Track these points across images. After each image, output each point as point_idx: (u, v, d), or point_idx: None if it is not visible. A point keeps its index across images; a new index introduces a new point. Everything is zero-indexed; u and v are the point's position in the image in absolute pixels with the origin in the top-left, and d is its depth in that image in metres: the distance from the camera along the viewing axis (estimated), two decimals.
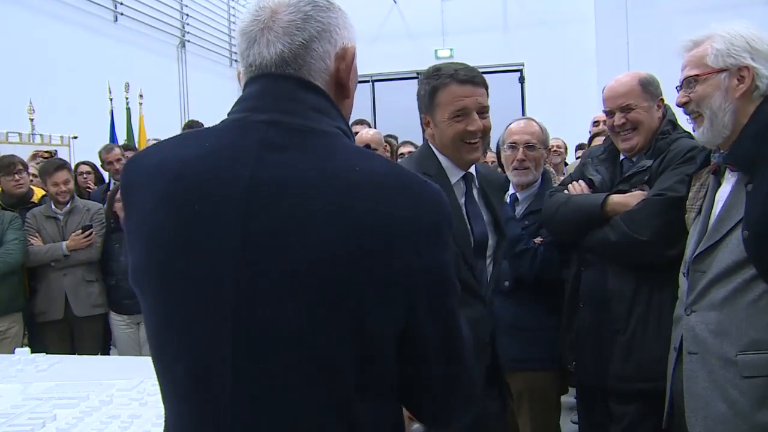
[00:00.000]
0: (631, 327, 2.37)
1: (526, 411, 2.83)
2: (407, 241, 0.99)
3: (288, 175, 0.99)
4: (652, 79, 2.50)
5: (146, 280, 1.05)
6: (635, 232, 2.31)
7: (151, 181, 1.05)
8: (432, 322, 1.05)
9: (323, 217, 0.96)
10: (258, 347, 0.99)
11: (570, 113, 9.14)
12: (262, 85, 1.08)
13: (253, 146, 1.02)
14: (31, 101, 6.20)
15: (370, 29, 10.87)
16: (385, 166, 1.05)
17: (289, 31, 1.07)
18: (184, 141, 1.11)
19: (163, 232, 1.02)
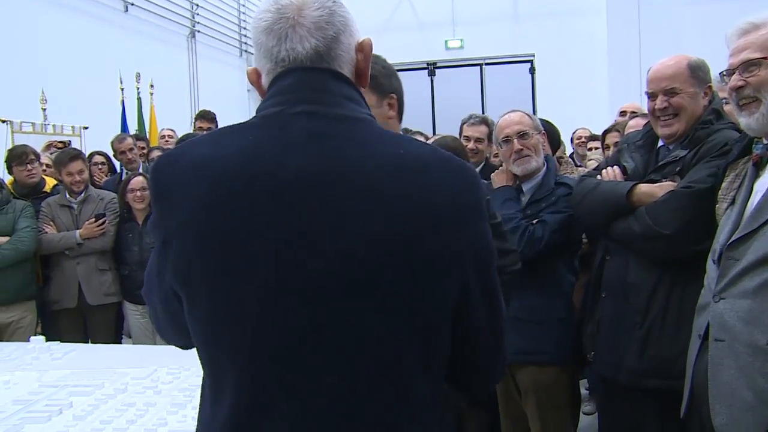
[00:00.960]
0: (648, 322, 2.31)
1: (533, 407, 2.80)
2: (456, 216, 1.05)
3: (339, 161, 1.03)
4: (702, 63, 2.38)
5: (197, 279, 1.05)
6: (659, 225, 2.24)
7: (195, 179, 1.05)
8: (480, 292, 1.11)
9: (379, 199, 1.01)
10: (322, 333, 1.01)
11: (580, 104, 9.12)
12: (294, 79, 1.10)
13: (300, 136, 1.05)
14: (43, 91, 6.23)
15: (380, 20, 10.84)
16: (423, 147, 1.12)
17: (320, 25, 1.10)
18: (222, 137, 1.11)
19: (215, 229, 1.02)
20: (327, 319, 1.01)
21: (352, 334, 1.02)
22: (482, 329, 1.15)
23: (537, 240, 2.66)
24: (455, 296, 1.08)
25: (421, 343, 1.06)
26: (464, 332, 1.12)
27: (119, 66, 7.13)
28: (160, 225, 1.09)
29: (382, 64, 2.06)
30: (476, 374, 1.21)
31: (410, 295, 1.03)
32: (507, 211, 2.75)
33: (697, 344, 2.00)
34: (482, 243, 1.11)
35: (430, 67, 11.19)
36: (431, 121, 10.77)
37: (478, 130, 3.88)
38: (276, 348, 1.02)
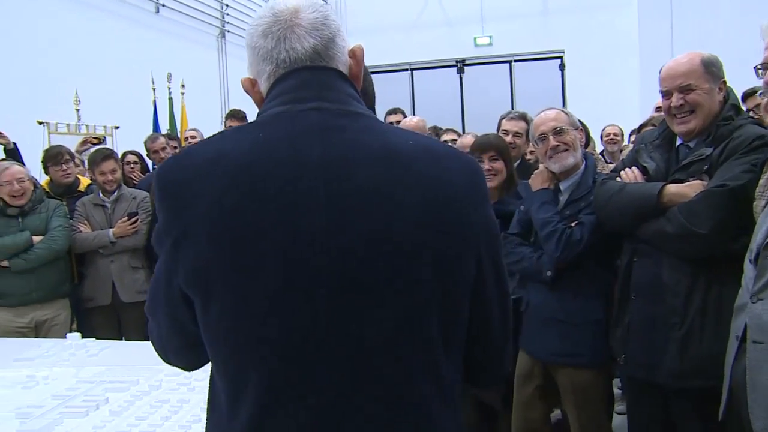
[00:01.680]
0: (688, 322, 2.26)
1: (572, 407, 2.77)
2: (467, 200, 1.11)
3: (356, 151, 1.06)
4: (715, 59, 2.35)
5: (217, 275, 1.04)
6: (694, 224, 2.19)
7: (209, 174, 1.05)
8: (491, 270, 1.16)
9: (397, 186, 1.05)
10: (352, 318, 1.03)
11: (611, 101, 9.02)
12: (300, 78, 1.13)
13: (313, 129, 1.07)
14: (77, 92, 6.33)
15: (409, 17, 10.84)
16: (428, 139, 1.20)
17: (317, 26, 1.14)
18: (233, 135, 1.12)
19: (236, 222, 1.02)
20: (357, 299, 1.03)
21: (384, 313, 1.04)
22: (493, 310, 1.19)
23: (575, 243, 2.62)
24: (472, 273, 1.12)
25: (445, 322, 1.09)
26: (478, 311, 1.16)
27: (151, 66, 7.21)
28: (171, 226, 1.08)
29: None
30: (488, 355, 1.24)
31: (439, 272, 1.06)
32: (544, 215, 2.72)
33: (734, 346, 1.96)
34: (491, 226, 1.16)
35: (459, 65, 11.15)
36: (460, 119, 10.75)
37: (517, 125, 3.85)
38: (294, 345, 1.03)
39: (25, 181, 4.13)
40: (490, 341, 1.22)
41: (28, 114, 5.88)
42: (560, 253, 2.62)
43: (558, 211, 2.74)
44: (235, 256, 1.03)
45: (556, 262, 2.66)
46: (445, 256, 1.07)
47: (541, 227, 2.72)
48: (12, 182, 4.08)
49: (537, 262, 2.74)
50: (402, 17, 10.79)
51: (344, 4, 11.24)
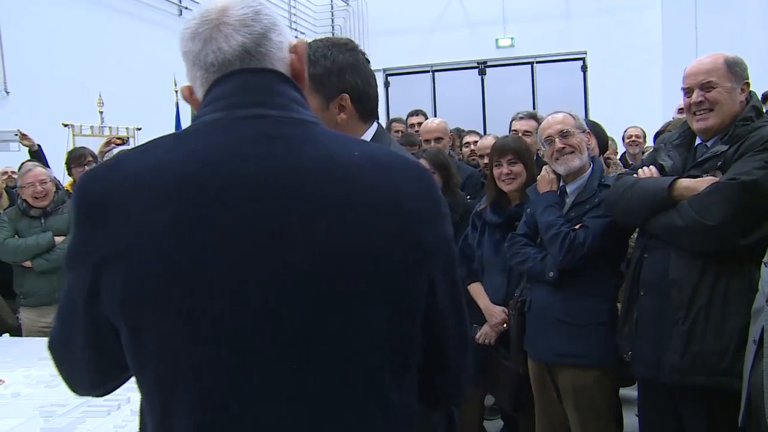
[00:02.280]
0: (692, 317, 2.26)
1: (573, 409, 2.77)
2: (418, 216, 1.02)
3: (293, 164, 0.97)
4: (739, 60, 2.35)
5: (150, 300, 0.94)
6: (704, 217, 2.19)
7: (140, 189, 0.95)
8: (446, 293, 1.08)
9: (341, 202, 0.97)
10: (294, 341, 0.95)
11: (634, 102, 8.96)
12: (238, 82, 1.03)
13: (249, 141, 0.98)
14: (100, 95, 6.40)
15: (430, 18, 10.82)
16: (377, 148, 1.09)
17: (246, 23, 1.04)
18: (166, 144, 1.02)
19: (169, 245, 0.93)
20: (302, 326, 0.95)
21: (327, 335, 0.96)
22: (449, 333, 1.12)
23: (578, 246, 2.63)
24: (424, 293, 1.04)
25: (394, 348, 1.01)
26: (433, 336, 1.09)
27: (173, 68, 7.22)
28: (91, 249, 0.96)
29: (332, 58, 1.72)
30: (447, 378, 1.17)
31: (384, 295, 0.99)
32: (548, 218, 2.73)
33: (752, 350, 1.95)
34: (445, 242, 1.08)
35: (481, 66, 11.12)
36: (482, 121, 10.71)
37: (527, 124, 3.90)
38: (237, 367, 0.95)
39: (47, 183, 4.19)
40: (446, 367, 1.15)
41: (54, 116, 5.96)
42: (563, 257, 2.64)
43: (562, 214, 2.74)
44: (174, 282, 0.93)
45: (560, 265, 2.66)
46: (393, 277, 0.99)
47: (545, 230, 2.73)
48: (35, 184, 4.14)
49: (541, 263, 2.75)
50: (423, 19, 10.78)
51: (366, 6, 11.26)
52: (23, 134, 5.05)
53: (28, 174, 4.20)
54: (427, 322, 1.07)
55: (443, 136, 4.39)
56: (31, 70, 5.94)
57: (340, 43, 1.78)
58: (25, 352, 2.98)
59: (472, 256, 3.33)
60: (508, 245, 2.97)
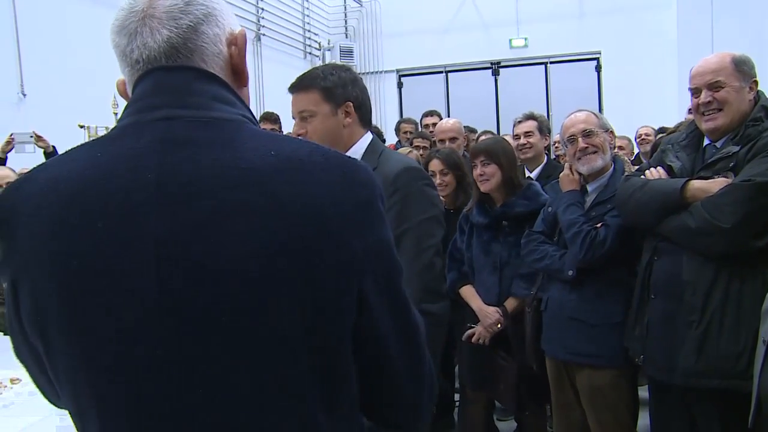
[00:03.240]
0: (706, 320, 2.24)
1: (591, 409, 2.77)
2: (343, 222, 0.91)
3: (197, 172, 0.89)
4: (746, 58, 2.33)
5: (51, 318, 0.91)
6: (717, 219, 2.16)
7: (39, 208, 0.91)
8: (384, 308, 0.97)
9: (245, 210, 0.87)
10: (195, 368, 0.88)
11: (648, 102, 8.91)
12: (153, 81, 0.97)
13: (154, 146, 0.91)
14: (115, 96, 6.43)
15: (444, 19, 10.81)
16: (304, 147, 0.95)
17: (173, 15, 0.96)
18: (71, 156, 0.96)
19: (65, 260, 0.88)
20: (203, 354, 0.88)
21: (234, 365, 0.88)
22: (393, 356, 1.00)
23: (599, 244, 2.62)
24: (353, 309, 0.93)
25: (322, 376, 0.92)
26: (373, 359, 0.98)
27: None
28: (7, 263, 0.94)
29: (339, 74, 2.13)
30: (399, 401, 1.06)
31: (298, 316, 0.89)
32: (569, 216, 2.73)
33: (762, 352, 1.94)
34: (380, 252, 0.96)
35: (494, 67, 11.09)
36: (495, 121, 10.68)
37: (525, 126, 3.94)
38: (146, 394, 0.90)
39: None
40: (396, 394, 1.04)
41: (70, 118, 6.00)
42: (584, 255, 2.63)
43: (584, 213, 2.73)
44: (68, 304, 0.89)
45: (580, 263, 2.66)
46: (309, 294, 0.88)
47: (567, 228, 2.73)
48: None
49: (559, 261, 2.75)
50: (437, 20, 10.77)
51: (379, 7, 11.26)
52: (38, 136, 5.09)
53: None
54: (363, 342, 0.96)
55: (458, 136, 4.41)
56: (47, 73, 5.98)
57: (340, 66, 2.21)
58: None
59: (462, 259, 3.33)
60: (524, 242, 2.97)
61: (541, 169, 3.85)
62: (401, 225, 2.06)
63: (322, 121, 2.11)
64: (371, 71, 11.37)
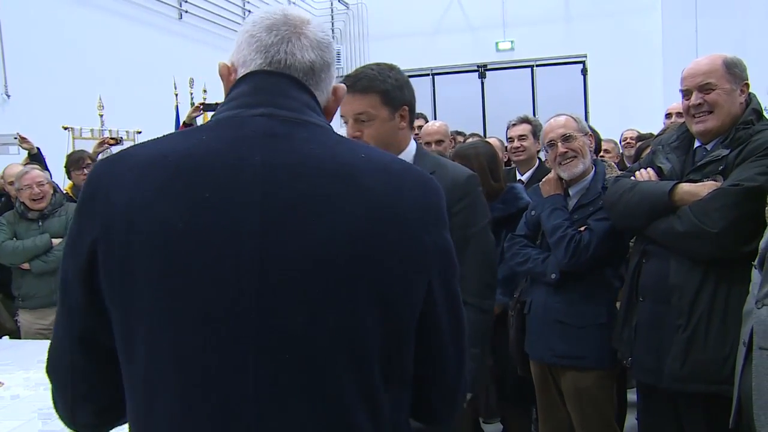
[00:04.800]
0: (692, 324, 2.23)
1: (577, 411, 2.78)
2: (418, 220, 1.02)
3: (299, 160, 0.99)
4: (738, 61, 2.32)
5: (142, 279, 0.96)
6: (705, 223, 2.15)
7: (143, 176, 0.97)
8: (444, 302, 1.07)
9: (339, 199, 0.97)
10: (283, 337, 0.95)
11: (634, 105, 8.96)
12: (254, 83, 1.07)
13: (257, 135, 1.00)
14: (100, 98, 6.40)
15: (431, 22, 10.83)
16: (384, 153, 1.10)
17: (321, 46, 1.10)
18: (175, 137, 1.06)
19: (170, 224, 0.94)
20: (293, 319, 0.95)
21: (317, 333, 0.95)
22: (446, 345, 1.10)
23: (584, 249, 2.63)
24: (420, 300, 1.03)
25: (386, 353, 1.00)
26: (428, 345, 1.07)
27: (173, 72, 7.28)
28: (89, 229, 0.99)
29: (395, 76, 2.08)
30: (443, 391, 1.14)
31: (381, 297, 0.98)
32: (554, 221, 2.73)
33: (743, 353, 1.94)
34: (446, 251, 1.07)
35: (481, 69, 11.12)
36: (482, 124, 10.71)
37: (520, 129, 3.93)
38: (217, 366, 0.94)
39: (45, 185, 4.19)
40: (441, 380, 1.13)
41: (54, 120, 5.96)
42: (569, 259, 2.64)
43: (568, 217, 2.74)
44: (162, 269, 0.95)
45: (564, 267, 2.66)
46: (385, 279, 0.98)
47: (550, 233, 2.73)
48: (32, 186, 4.15)
49: (542, 264, 2.75)
50: (424, 22, 10.79)
51: (366, 10, 11.26)
52: (23, 137, 5.05)
53: (25, 176, 4.20)
54: (423, 328, 1.05)
55: (444, 139, 4.40)
56: (31, 74, 5.94)
57: (393, 66, 2.13)
58: (24, 354, 2.98)
59: None
60: (507, 245, 2.97)
61: (533, 172, 3.85)
62: (469, 227, 2.11)
63: (379, 126, 2.04)
64: None
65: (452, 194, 2.01)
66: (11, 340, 3.60)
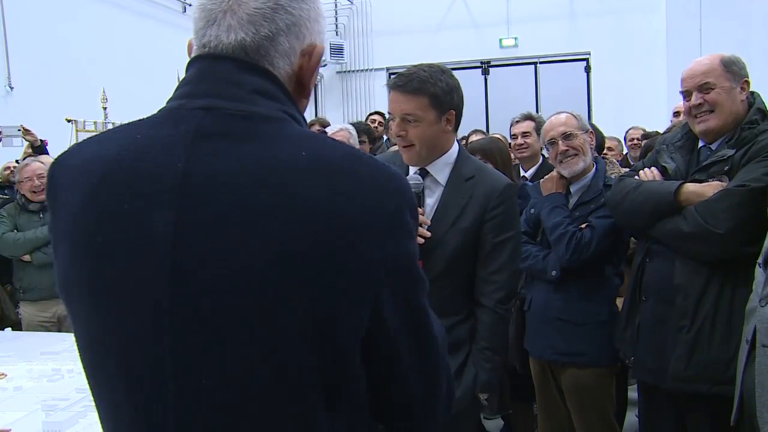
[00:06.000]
0: (697, 325, 2.22)
1: (576, 408, 2.79)
2: (366, 231, 0.89)
3: (225, 166, 0.88)
4: (736, 59, 2.32)
5: (74, 290, 0.95)
6: (711, 224, 2.14)
7: (76, 181, 0.94)
8: (399, 320, 0.96)
9: (267, 211, 0.86)
10: (202, 364, 0.88)
11: (638, 104, 8.95)
12: (199, 69, 0.98)
13: (186, 136, 0.91)
14: (104, 91, 6.41)
15: (434, 19, 10.81)
16: (339, 150, 0.94)
17: (255, 20, 0.95)
18: (113, 135, 0.99)
19: (90, 235, 0.91)
20: (210, 345, 0.88)
21: (240, 360, 0.88)
22: (406, 366, 0.99)
23: (585, 246, 2.63)
24: (364, 319, 0.92)
25: (327, 375, 0.91)
26: (384, 366, 0.98)
27: (177, 65, 7.26)
28: (51, 229, 1.01)
29: (446, 80, 2.10)
30: (409, 418, 1.05)
31: (309, 320, 0.88)
32: (555, 219, 2.74)
33: (746, 350, 1.95)
34: (401, 261, 0.94)
35: (484, 66, 11.10)
36: (485, 121, 10.69)
37: (523, 126, 3.94)
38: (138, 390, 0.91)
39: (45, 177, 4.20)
40: (407, 403, 1.03)
41: (57, 112, 5.96)
42: (570, 256, 2.64)
43: (569, 215, 2.74)
44: (86, 279, 0.92)
45: (565, 264, 2.67)
46: (319, 299, 0.87)
47: (551, 231, 2.73)
48: (32, 178, 4.16)
49: (543, 261, 2.76)
50: (427, 19, 10.77)
51: (369, 6, 11.24)
52: (26, 129, 5.06)
53: (25, 168, 4.21)
54: (375, 347, 0.96)
55: None
56: (35, 66, 5.95)
57: (445, 69, 2.16)
58: (27, 346, 2.99)
59: None
60: None
61: (537, 168, 3.86)
62: (502, 234, 2.13)
63: (426, 128, 2.09)
64: (361, 69, 11.35)
65: (490, 199, 2.10)
66: (14, 332, 3.61)
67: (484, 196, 2.12)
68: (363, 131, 5.29)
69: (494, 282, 2.11)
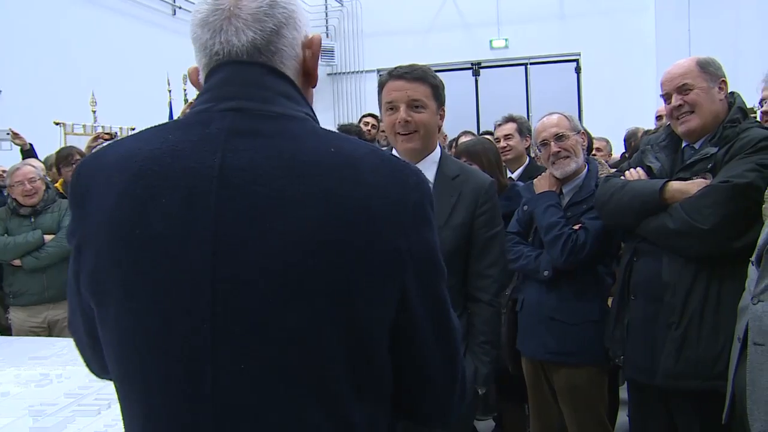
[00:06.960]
0: (685, 321, 2.24)
1: (569, 407, 2.79)
2: (392, 222, 0.95)
3: (260, 160, 0.94)
4: (711, 60, 2.38)
5: (108, 284, 0.96)
6: (696, 220, 2.18)
7: (110, 179, 0.97)
8: (424, 308, 1.01)
9: (301, 202, 0.92)
10: (240, 347, 0.92)
11: (627, 104, 8.98)
12: (225, 74, 1.02)
13: (220, 134, 0.96)
14: (93, 93, 6.38)
15: (425, 20, 10.82)
16: (362, 147, 1.01)
17: (258, 17, 1.01)
18: (142, 136, 1.03)
19: (130, 228, 0.94)
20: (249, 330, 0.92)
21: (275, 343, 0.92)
22: (429, 353, 1.04)
23: (580, 248, 2.65)
24: (391, 307, 0.97)
25: (356, 362, 0.96)
26: (408, 355, 1.02)
27: (167, 68, 7.26)
28: (76, 230, 1.02)
29: (437, 77, 2.21)
30: (431, 397, 1.09)
31: (340, 305, 0.92)
32: (550, 219, 2.74)
33: (737, 348, 1.96)
34: (425, 251, 1.00)
35: (475, 67, 11.12)
36: (476, 122, 10.71)
37: (505, 128, 3.98)
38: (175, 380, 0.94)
39: (37, 181, 4.18)
40: (427, 390, 1.07)
41: (46, 115, 5.94)
42: (565, 258, 2.65)
43: (563, 215, 2.75)
44: (123, 271, 0.94)
45: (560, 266, 2.67)
46: (347, 287, 0.92)
47: (546, 231, 2.73)
48: (23, 182, 4.14)
49: (535, 261, 2.76)
50: (418, 20, 10.78)
51: (360, 7, 11.25)
52: (15, 133, 5.03)
53: (16, 173, 4.19)
54: (399, 338, 1.00)
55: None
56: (23, 69, 5.92)
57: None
58: (15, 351, 2.97)
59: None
60: None
61: (523, 169, 3.87)
62: (493, 228, 2.23)
63: (430, 116, 2.16)
64: (352, 71, 11.36)
65: (479, 195, 2.18)
66: (2, 337, 3.58)
67: (473, 192, 2.18)
68: (354, 133, 5.29)
69: (489, 276, 2.18)
